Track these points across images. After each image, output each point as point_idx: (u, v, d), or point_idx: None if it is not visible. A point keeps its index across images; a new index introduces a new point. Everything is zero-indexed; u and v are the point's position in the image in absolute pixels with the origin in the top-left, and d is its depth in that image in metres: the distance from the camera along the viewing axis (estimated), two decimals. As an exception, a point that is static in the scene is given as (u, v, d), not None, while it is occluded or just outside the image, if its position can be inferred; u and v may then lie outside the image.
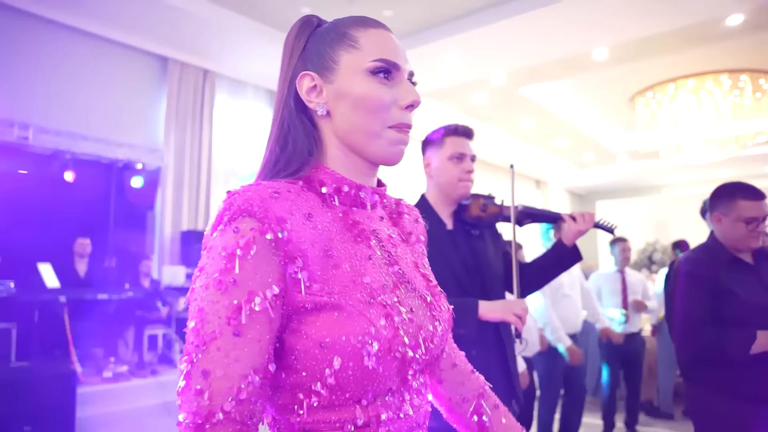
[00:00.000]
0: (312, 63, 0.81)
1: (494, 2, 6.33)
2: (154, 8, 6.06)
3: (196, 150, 7.44)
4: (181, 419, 0.65)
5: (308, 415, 0.71)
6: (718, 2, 5.86)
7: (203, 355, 0.66)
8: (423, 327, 0.78)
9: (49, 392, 3.18)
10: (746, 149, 10.88)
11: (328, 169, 0.80)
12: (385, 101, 0.78)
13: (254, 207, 0.70)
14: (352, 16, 0.83)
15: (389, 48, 0.79)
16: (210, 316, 0.67)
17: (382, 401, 0.74)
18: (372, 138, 0.79)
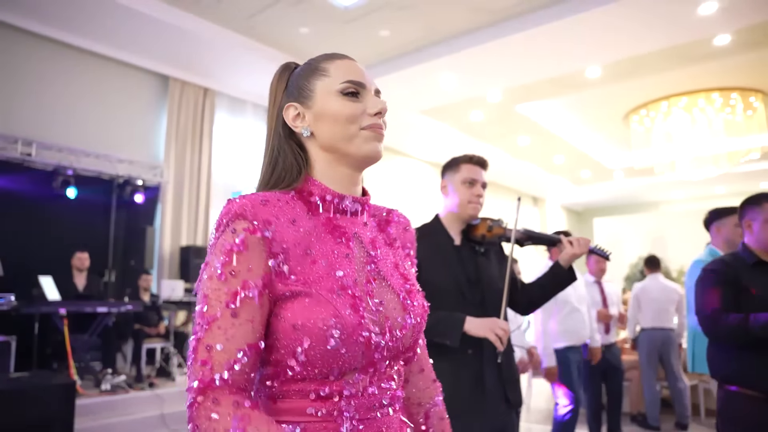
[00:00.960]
0: (293, 96, 0.96)
1: (489, 22, 6.49)
2: (156, 28, 6.21)
3: (195, 167, 7.56)
4: (189, 386, 0.78)
5: (282, 385, 0.84)
6: (705, 23, 6.01)
7: (207, 333, 0.79)
8: (391, 317, 0.89)
9: (49, 403, 3.23)
10: (740, 166, 11.00)
11: (316, 181, 0.93)
12: (356, 112, 0.92)
13: (246, 211, 0.84)
14: (322, 54, 0.99)
15: (354, 72, 0.94)
16: (213, 301, 0.81)
17: (349, 379, 0.84)
18: (350, 140, 0.92)
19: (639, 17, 5.88)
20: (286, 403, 0.83)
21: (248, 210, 0.83)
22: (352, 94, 0.92)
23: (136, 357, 5.61)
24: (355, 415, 0.84)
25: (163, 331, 6.09)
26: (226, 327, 0.79)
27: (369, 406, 0.86)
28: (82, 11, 5.83)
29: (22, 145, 5.77)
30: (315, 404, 0.82)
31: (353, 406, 0.84)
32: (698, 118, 8.91)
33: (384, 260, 0.96)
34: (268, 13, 6.25)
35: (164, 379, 5.53)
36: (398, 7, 6.10)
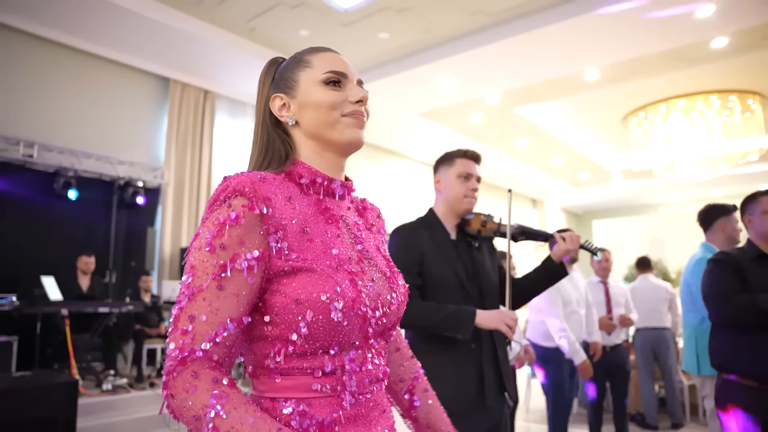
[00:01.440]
0: (279, 87, 1.00)
1: (487, 25, 6.53)
2: (156, 30, 6.25)
3: (196, 168, 7.59)
4: (168, 352, 0.79)
5: (285, 361, 0.85)
6: (702, 26, 6.05)
7: (190, 303, 0.80)
8: (381, 294, 0.94)
9: (52, 402, 3.25)
10: (738, 168, 11.05)
11: (305, 164, 0.97)
12: (338, 100, 0.96)
13: (245, 188, 0.84)
14: (308, 47, 1.03)
15: (337, 63, 0.98)
16: (199, 272, 0.81)
17: (347, 354, 0.87)
18: (332, 126, 0.96)
19: (637, 20, 5.92)
20: (290, 380, 0.85)
21: (247, 186, 0.84)
22: (334, 83, 0.96)
23: (136, 357, 5.64)
24: (355, 390, 0.88)
25: (163, 332, 6.12)
26: (211, 299, 0.80)
27: (366, 381, 0.90)
28: (83, 14, 5.87)
29: (24, 147, 5.81)
30: (320, 380, 0.85)
31: (354, 381, 0.88)
32: (696, 120, 8.96)
33: (368, 242, 1.02)
34: (268, 16, 6.29)
35: (165, 380, 5.55)
36: (397, 9, 6.15)
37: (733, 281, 2.25)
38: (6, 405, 3.12)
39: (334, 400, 0.86)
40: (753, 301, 2.13)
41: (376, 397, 0.92)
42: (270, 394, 0.86)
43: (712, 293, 2.30)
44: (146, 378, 5.37)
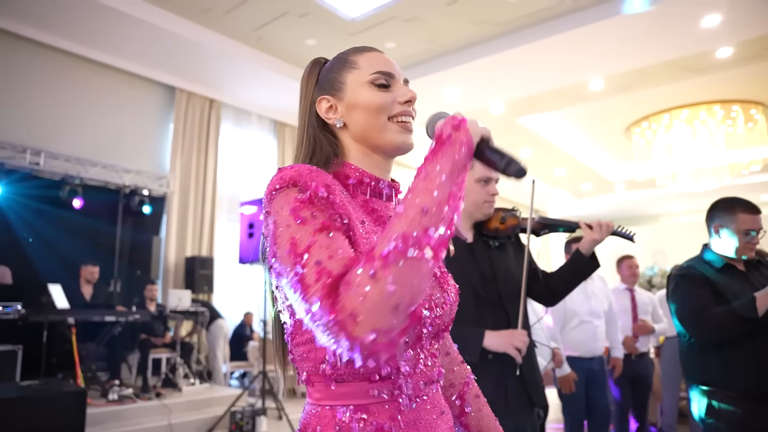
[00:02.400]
0: (325, 89, 0.99)
1: (493, 35, 6.56)
2: (163, 39, 6.27)
3: (201, 177, 7.58)
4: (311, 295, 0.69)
5: (340, 367, 0.82)
6: (707, 36, 6.08)
7: (308, 256, 0.72)
8: (433, 294, 0.91)
9: (60, 411, 3.21)
10: (741, 178, 11.06)
11: (352, 165, 0.95)
12: (386, 101, 0.94)
13: (302, 178, 0.81)
14: (351, 47, 1.02)
15: (383, 63, 0.97)
16: (302, 237, 0.74)
17: (401, 354, 0.85)
18: (381, 131, 0.94)
19: (643, 30, 5.95)
20: (346, 387, 0.83)
21: (305, 176, 0.81)
22: (382, 85, 0.95)
23: (142, 367, 5.58)
24: (411, 393, 0.85)
25: (169, 341, 6.07)
26: (326, 244, 0.73)
27: (422, 384, 0.88)
28: (91, 22, 5.89)
29: (31, 155, 5.80)
30: (376, 385, 0.83)
31: (410, 384, 0.85)
32: (699, 131, 8.97)
33: None
34: (275, 25, 6.31)
35: (170, 390, 5.50)
36: (404, 19, 6.17)
37: (706, 295, 2.18)
38: (14, 414, 3.07)
39: (392, 405, 0.83)
40: (732, 311, 2.07)
41: (432, 399, 0.90)
42: (327, 401, 0.84)
43: (688, 312, 2.22)
44: (152, 388, 5.31)
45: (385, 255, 0.68)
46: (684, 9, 5.54)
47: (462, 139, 0.79)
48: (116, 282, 6.24)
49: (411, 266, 0.68)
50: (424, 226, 0.70)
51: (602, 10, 5.83)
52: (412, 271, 0.68)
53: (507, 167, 0.81)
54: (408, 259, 0.68)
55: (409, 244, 0.68)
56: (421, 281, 0.69)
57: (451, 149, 0.78)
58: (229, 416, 4.87)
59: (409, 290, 0.67)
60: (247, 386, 5.90)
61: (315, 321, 0.68)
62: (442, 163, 0.76)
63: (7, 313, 4.64)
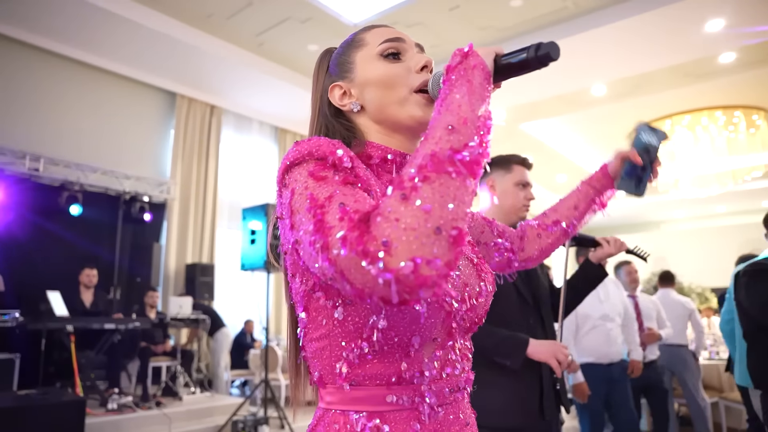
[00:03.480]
0: (335, 74, 0.93)
1: (495, 40, 6.54)
2: (165, 44, 6.24)
3: (202, 183, 7.53)
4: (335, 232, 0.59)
5: (356, 367, 0.75)
6: (710, 41, 6.06)
7: (330, 204, 0.63)
8: (469, 284, 0.81)
9: (60, 420, 3.14)
10: (743, 184, 11.03)
11: (374, 143, 0.88)
12: (401, 72, 0.87)
13: (322, 149, 0.73)
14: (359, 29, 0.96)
15: (391, 32, 0.91)
16: (322, 191, 0.66)
17: (428, 354, 0.76)
18: (402, 105, 0.86)
19: (646, 35, 5.93)
20: (362, 391, 0.75)
21: (324, 145, 0.73)
22: (392, 55, 0.88)
23: (141, 375, 5.50)
24: (434, 401, 0.77)
25: (169, 349, 5.99)
26: (349, 193, 0.65)
27: (447, 391, 0.79)
28: (91, 28, 5.86)
29: (30, 161, 5.74)
30: (395, 391, 0.75)
31: (434, 391, 0.77)
32: (701, 137, 8.94)
33: None
34: (276, 30, 6.29)
35: (170, 399, 5.41)
36: (406, 24, 6.15)
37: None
38: (13, 424, 3.00)
39: (411, 414, 0.75)
40: None
41: (457, 408, 0.81)
42: (339, 406, 0.76)
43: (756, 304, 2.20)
44: (152, 397, 5.22)
45: (414, 174, 0.60)
46: (687, 13, 5.52)
47: (473, 63, 0.73)
48: (116, 289, 6.17)
49: (446, 184, 0.60)
50: (452, 143, 0.63)
51: (604, 15, 5.82)
52: (448, 189, 0.59)
53: (537, 53, 0.74)
54: (441, 176, 0.60)
55: (440, 159, 0.61)
56: (462, 199, 0.60)
57: (465, 74, 0.71)
58: (230, 426, 4.78)
59: (449, 210, 0.58)
60: (249, 395, 5.81)
61: (341, 262, 0.57)
62: (458, 87, 0.70)
63: (5, 321, 4.57)
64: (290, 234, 0.69)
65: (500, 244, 1.17)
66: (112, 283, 6.15)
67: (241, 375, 7.09)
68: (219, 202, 7.75)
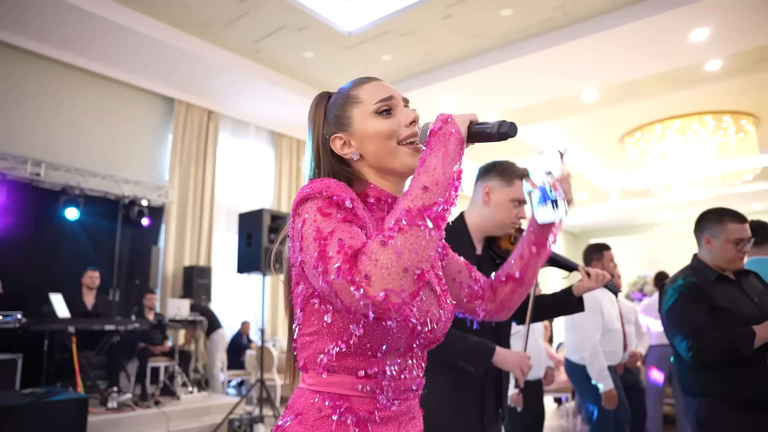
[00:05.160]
0: (336, 126, 1.08)
1: (488, 48, 6.68)
2: (163, 52, 6.38)
3: (199, 187, 7.66)
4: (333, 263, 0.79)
5: (334, 359, 0.93)
6: (696, 49, 6.21)
7: (331, 238, 0.82)
8: (430, 311, 0.99)
9: (63, 417, 3.27)
10: (733, 187, 11.19)
11: (372, 185, 1.06)
12: (393, 128, 1.04)
13: (331, 189, 0.91)
14: (351, 81, 1.11)
15: (382, 91, 1.06)
16: (326, 225, 0.85)
17: (391, 360, 0.95)
18: (395, 155, 1.04)
19: (634, 43, 6.08)
20: (336, 377, 0.93)
21: (333, 187, 0.91)
22: (385, 111, 1.04)
23: (140, 375, 5.63)
24: (391, 395, 0.95)
25: (167, 350, 6.12)
26: (347, 230, 0.84)
27: (402, 389, 0.97)
28: (91, 35, 5.99)
29: (32, 165, 5.88)
30: (362, 381, 0.93)
31: (391, 387, 0.95)
32: (692, 141, 9.09)
33: None
34: (273, 38, 6.43)
35: (168, 398, 5.54)
36: (400, 33, 6.30)
37: (702, 312, 2.20)
38: (18, 421, 3.13)
39: (371, 401, 0.94)
40: (729, 342, 2.09)
41: (408, 405, 1.00)
42: (316, 387, 0.94)
43: (685, 332, 2.22)
44: (150, 396, 5.36)
45: (392, 227, 0.80)
46: (673, 24, 5.67)
47: (450, 131, 0.92)
48: (115, 291, 6.29)
49: (415, 234, 0.79)
50: (424, 201, 0.83)
51: (593, 24, 5.97)
52: (416, 239, 0.79)
53: (499, 130, 0.92)
54: (412, 228, 0.80)
55: (413, 215, 0.81)
56: (426, 248, 0.80)
57: (444, 140, 0.90)
58: (227, 424, 4.92)
59: (414, 255, 0.78)
60: (245, 394, 5.95)
61: (335, 285, 0.78)
62: (436, 152, 0.89)
63: (8, 322, 4.70)
64: (299, 254, 0.89)
65: (472, 288, 1.26)
66: (111, 285, 6.28)
67: (238, 375, 7.22)
68: (216, 205, 7.88)
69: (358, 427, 0.91)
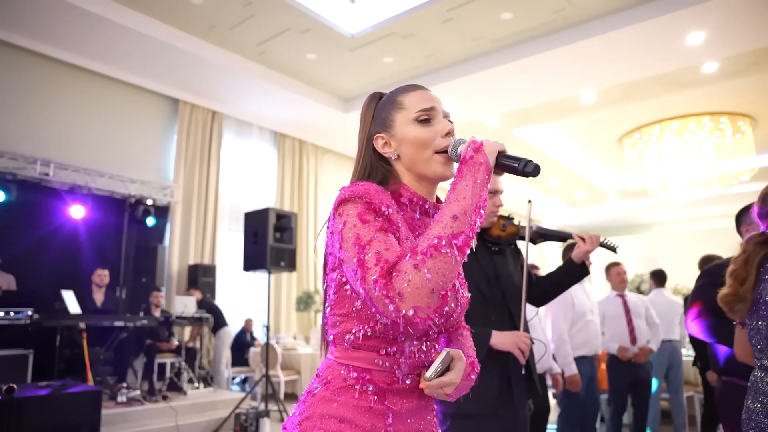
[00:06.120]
0: (380, 126, 1.19)
1: (488, 50, 6.80)
2: (169, 54, 6.49)
3: (204, 187, 7.78)
4: (371, 274, 0.92)
5: (360, 339, 1.05)
6: (692, 52, 6.33)
7: (369, 247, 0.95)
8: (448, 304, 1.07)
9: (78, 409, 3.39)
10: (731, 188, 11.30)
11: (406, 186, 1.16)
12: (430, 136, 1.13)
13: (369, 194, 1.03)
14: (400, 86, 1.21)
15: (425, 101, 1.16)
16: (365, 233, 0.97)
17: (408, 342, 1.08)
18: (428, 163, 1.14)
19: (631, 46, 6.20)
20: (360, 353, 1.06)
21: (372, 193, 1.02)
22: (425, 120, 1.14)
23: (148, 371, 5.74)
24: (406, 370, 1.08)
25: (173, 347, 6.24)
26: (384, 240, 0.96)
27: (417, 365, 1.09)
28: (100, 38, 6.11)
29: (41, 165, 5.99)
30: (382, 357, 1.06)
31: (407, 364, 1.07)
32: (689, 141, 9.20)
33: None
34: (277, 41, 6.54)
35: (175, 393, 5.66)
36: (401, 36, 6.41)
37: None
38: (36, 412, 3.25)
39: (390, 375, 1.06)
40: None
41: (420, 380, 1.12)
42: (343, 360, 1.07)
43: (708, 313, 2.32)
44: (158, 391, 5.48)
45: (424, 251, 0.93)
46: (669, 27, 5.79)
47: (481, 161, 1.02)
48: (122, 289, 6.41)
49: (443, 260, 0.93)
50: (453, 229, 0.95)
51: (591, 27, 6.09)
52: (444, 264, 0.92)
53: (524, 168, 1.03)
54: (441, 254, 0.93)
55: (442, 243, 0.93)
56: (451, 271, 0.94)
57: (474, 168, 1.02)
58: (233, 418, 5.04)
59: (441, 278, 0.92)
60: (250, 390, 6.06)
61: (373, 295, 0.93)
62: (467, 180, 1.01)
63: (19, 319, 4.81)
64: (338, 251, 1.02)
65: None
66: (118, 283, 6.39)
67: (242, 372, 7.34)
68: (220, 204, 7.99)
69: (377, 395, 1.04)
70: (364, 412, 1.03)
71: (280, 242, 5.69)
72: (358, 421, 1.02)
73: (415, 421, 1.09)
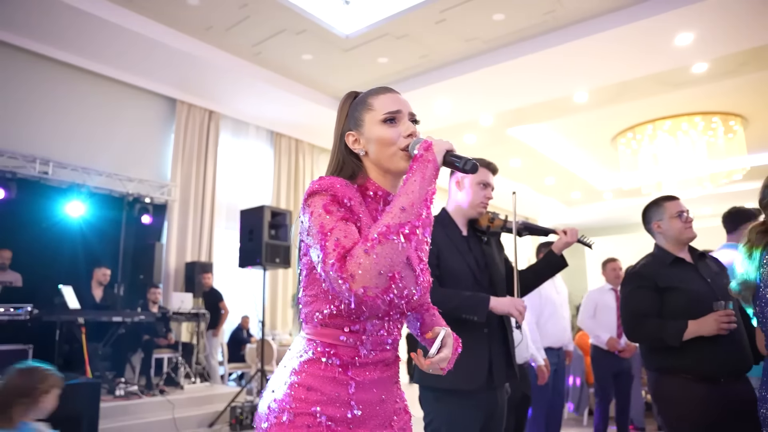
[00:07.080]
0: (352, 124, 1.30)
1: (482, 50, 6.89)
2: (166, 54, 6.58)
3: (201, 186, 7.86)
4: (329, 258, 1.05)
5: (327, 318, 1.17)
6: (682, 53, 6.43)
7: (330, 235, 1.08)
8: (407, 287, 1.22)
9: (77, 401, 3.48)
10: (724, 187, 11.39)
11: (371, 180, 1.29)
12: (394, 136, 1.25)
13: (334, 188, 1.15)
14: (372, 88, 1.32)
15: (392, 103, 1.28)
16: (327, 222, 1.10)
17: (370, 321, 1.19)
18: (391, 159, 1.26)
19: (621, 47, 6.30)
20: (326, 330, 1.18)
21: (337, 185, 1.15)
22: (390, 120, 1.25)
23: (145, 366, 5.84)
24: (369, 347, 1.20)
25: (171, 342, 6.34)
26: (343, 228, 1.09)
27: (379, 342, 1.21)
28: (97, 38, 6.19)
29: (40, 164, 6.08)
30: (346, 334, 1.18)
31: (370, 341, 1.20)
32: (682, 141, 9.29)
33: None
34: (273, 41, 6.63)
35: (172, 388, 5.76)
36: (396, 36, 6.50)
37: (644, 300, 2.40)
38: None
39: (353, 350, 1.18)
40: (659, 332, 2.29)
41: (383, 355, 1.23)
42: (312, 336, 1.20)
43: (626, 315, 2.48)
44: (155, 386, 5.57)
45: (374, 238, 1.05)
46: (658, 28, 5.89)
47: (429, 159, 1.15)
48: (120, 286, 6.50)
49: (390, 246, 1.05)
50: (401, 219, 1.08)
51: (582, 28, 6.19)
52: (391, 250, 1.05)
53: (464, 166, 1.16)
54: (389, 241, 1.05)
55: (390, 231, 1.06)
56: (398, 256, 1.06)
57: (423, 165, 1.14)
58: (229, 411, 5.14)
59: (389, 262, 1.05)
60: (245, 384, 6.16)
61: (330, 277, 1.06)
62: (416, 175, 1.13)
63: (18, 314, 4.90)
64: (306, 237, 1.16)
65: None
66: (116, 280, 6.48)
67: (238, 368, 7.43)
68: (217, 203, 8.08)
69: (341, 368, 1.17)
70: (329, 382, 1.15)
71: (275, 239, 5.80)
72: (323, 390, 1.14)
73: (378, 391, 1.21)
